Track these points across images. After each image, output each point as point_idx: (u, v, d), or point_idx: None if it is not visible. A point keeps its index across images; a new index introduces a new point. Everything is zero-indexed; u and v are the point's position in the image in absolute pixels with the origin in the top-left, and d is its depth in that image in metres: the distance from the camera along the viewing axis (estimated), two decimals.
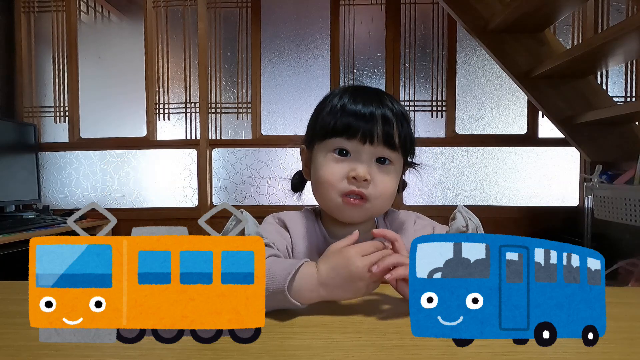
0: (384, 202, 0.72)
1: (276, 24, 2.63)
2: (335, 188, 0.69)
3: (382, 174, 0.70)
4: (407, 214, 0.82)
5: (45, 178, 2.64)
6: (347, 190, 0.68)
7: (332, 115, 0.71)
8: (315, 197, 0.76)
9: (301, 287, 0.56)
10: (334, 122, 0.70)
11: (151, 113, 2.63)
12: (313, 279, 0.57)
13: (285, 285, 0.54)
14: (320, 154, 0.72)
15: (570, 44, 2.45)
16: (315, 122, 0.76)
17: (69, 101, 2.63)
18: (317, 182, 0.72)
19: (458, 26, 2.49)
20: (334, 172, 0.69)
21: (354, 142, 0.69)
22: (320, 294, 0.57)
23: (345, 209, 0.70)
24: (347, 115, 0.69)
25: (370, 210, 0.71)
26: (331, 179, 0.69)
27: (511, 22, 1.99)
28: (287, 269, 0.56)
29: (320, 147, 0.72)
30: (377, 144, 0.69)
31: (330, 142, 0.71)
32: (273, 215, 0.79)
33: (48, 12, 2.64)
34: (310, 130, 0.77)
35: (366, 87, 0.76)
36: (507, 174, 2.57)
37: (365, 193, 0.69)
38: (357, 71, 2.60)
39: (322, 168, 0.71)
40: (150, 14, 2.61)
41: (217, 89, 2.63)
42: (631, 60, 2.36)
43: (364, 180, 0.68)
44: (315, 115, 0.76)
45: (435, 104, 2.57)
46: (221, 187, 2.63)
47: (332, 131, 0.70)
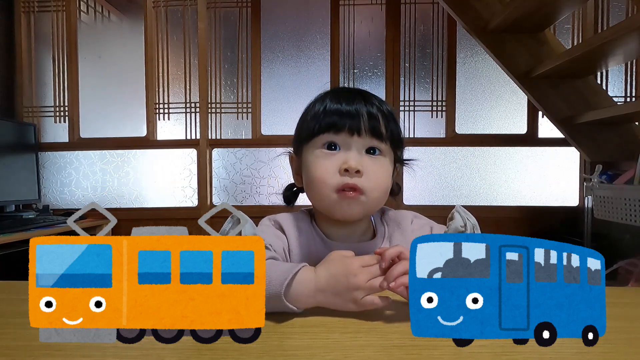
0: (379, 195, 0.71)
1: (276, 24, 2.63)
2: (329, 184, 0.68)
3: (373, 165, 0.69)
4: (404, 214, 0.82)
5: (45, 178, 2.64)
6: (341, 184, 0.68)
7: (317, 116, 0.71)
8: (310, 199, 0.75)
9: (298, 293, 0.56)
10: (320, 121, 0.70)
11: (151, 113, 2.63)
12: (311, 285, 0.56)
13: (281, 290, 0.54)
14: (310, 154, 0.72)
15: (570, 44, 2.45)
16: (301, 127, 0.76)
17: (69, 101, 2.63)
18: (310, 181, 0.72)
19: (458, 26, 2.49)
20: (325, 167, 0.69)
21: (342, 134, 0.69)
22: (318, 299, 0.56)
23: (341, 204, 0.69)
24: (332, 112, 0.70)
25: (367, 204, 0.70)
26: (324, 175, 0.69)
27: (511, 22, 1.99)
28: (284, 273, 0.56)
29: (309, 147, 0.72)
30: (365, 134, 0.69)
31: (318, 140, 0.71)
32: (269, 218, 0.78)
33: (48, 12, 2.64)
34: (297, 136, 0.78)
35: (349, 87, 0.78)
36: (507, 174, 2.57)
37: (359, 185, 0.68)
38: (357, 71, 2.60)
39: (313, 166, 0.70)
40: (150, 14, 2.61)
41: (217, 88, 2.63)
42: (631, 60, 2.36)
43: (357, 172, 0.67)
44: (301, 122, 0.77)
45: (435, 104, 2.57)
46: (221, 187, 2.63)
47: (319, 129, 0.70)
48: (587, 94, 2.06)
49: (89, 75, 2.67)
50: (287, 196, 0.83)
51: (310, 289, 0.56)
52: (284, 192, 0.83)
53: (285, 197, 0.83)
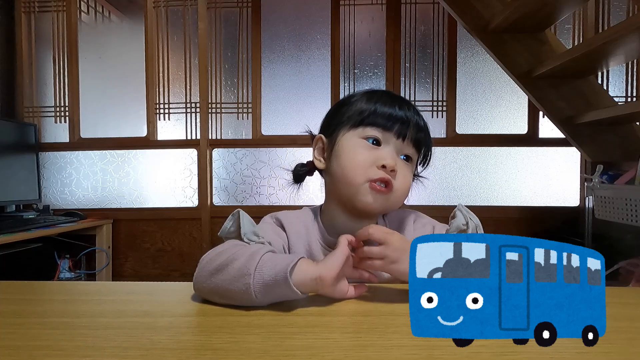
0: (402, 196, 0.74)
1: (276, 24, 2.63)
2: (364, 173, 0.71)
3: (404, 169, 0.73)
4: (406, 213, 0.82)
5: (45, 178, 2.64)
6: (377, 176, 0.70)
7: (368, 109, 0.73)
8: (334, 183, 0.75)
9: (301, 277, 0.56)
10: (372, 114, 0.72)
11: (151, 113, 2.63)
12: (311, 267, 0.57)
13: (287, 272, 0.54)
14: (350, 140, 0.73)
15: (571, 44, 2.45)
16: (341, 113, 0.76)
17: (69, 101, 2.64)
18: (344, 166, 0.72)
19: (458, 26, 2.49)
20: (365, 157, 0.71)
21: (388, 134, 0.72)
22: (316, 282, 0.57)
23: (369, 193, 0.71)
24: (386, 111, 0.73)
25: (390, 201, 0.73)
26: (361, 163, 0.71)
27: (512, 22, 1.98)
28: (286, 260, 0.56)
29: (350, 133, 0.73)
30: (407, 142, 0.73)
31: (364, 130, 0.72)
32: (270, 215, 0.79)
33: (48, 12, 2.64)
34: (332, 119, 0.78)
35: (396, 93, 0.80)
36: (508, 174, 2.57)
37: (392, 182, 0.71)
38: (358, 71, 2.60)
39: (351, 152, 0.72)
40: (150, 14, 2.61)
41: (218, 89, 2.63)
42: (632, 60, 2.36)
43: (392, 171, 0.71)
44: (340, 108, 0.77)
45: (435, 104, 2.57)
46: (221, 187, 2.63)
47: (368, 121, 0.72)
48: (588, 94, 2.06)
49: (89, 75, 2.67)
50: (297, 174, 0.83)
51: (312, 271, 0.56)
52: (295, 169, 0.83)
53: (295, 174, 0.83)
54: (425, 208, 2.34)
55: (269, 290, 0.55)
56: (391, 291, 0.65)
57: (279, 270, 0.54)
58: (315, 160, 0.79)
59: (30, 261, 2.11)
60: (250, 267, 0.55)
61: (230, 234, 0.66)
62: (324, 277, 0.56)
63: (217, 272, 0.57)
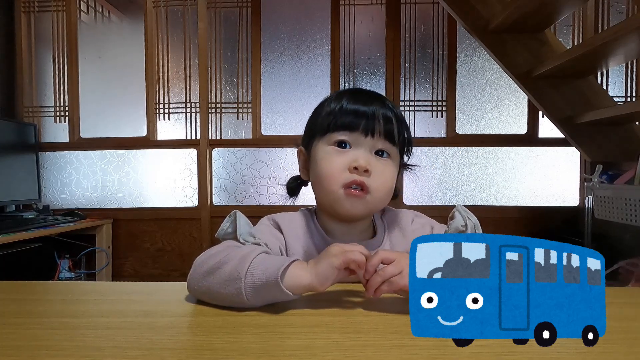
0: (384, 195, 0.72)
1: (276, 24, 2.63)
2: (337, 180, 0.70)
3: (381, 166, 0.71)
4: (405, 213, 0.82)
5: (45, 178, 2.64)
6: (349, 180, 0.69)
7: (332, 113, 0.72)
8: (316, 193, 0.76)
9: (293, 277, 0.56)
10: (335, 118, 0.71)
11: (151, 113, 2.63)
12: (304, 269, 0.57)
13: (278, 275, 0.54)
14: (321, 149, 0.73)
15: (571, 44, 2.44)
16: (314, 122, 0.76)
17: (69, 101, 2.63)
18: (318, 176, 0.72)
19: (458, 26, 2.49)
20: (335, 163, 0.70)
21: (355, 134, 0.70)
22: (310, 278, 0.56)
23: (346, 200, 0.70)
24: (349, 112, 0.71)
25: (371, 203, 0.71)
26: (332, 171, 0.70)
27: (511, 22, 1.98)
28: (279, 262, 0.56)
29: (320, 143, 0.73)
30: (377, 136, 0.71)
31: (330, 137, 0.72)
32: (268, 217, 0.79)
33: (48, 12, 2.64)
34: (308, 130, 0.78)
35: (365, 89, 0.78)
36: (507, 174, 2.57)
37: (366, 183, 0.69)
38: (357, 71, 2.60)
39: (322, 161, 0.72)
40: (150, 14, 2.61)
41: (217, 88, 2.63)
42: (631, 60, 2.35)
43: (365, 171, 0.69)
44: (314, 116, 0.77)
45: (435, 103, 2.57)
46: (221, 187, 2.63)
47: (333, 126, 0.71)
48: (588, 93, 2.06)
49: (89, 75, 2.67)
50: (291, 187, 0.83)
51: (304, 279, 0.56)
52: (288, 183, 0.84)
53: (288, 188, 0.83)
54: (425, 208, 2.35)
55: (260, 293, 0.55)
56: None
57: (269, 274, 0.54)
58: (302, 172, 0.80)
59: (30, 261, 2.11)
60: (240, 271, 0.55)
61: (227, 235, 0.66)
62: (316, 288, 0.56)
63: (209, 275, 0.58)
